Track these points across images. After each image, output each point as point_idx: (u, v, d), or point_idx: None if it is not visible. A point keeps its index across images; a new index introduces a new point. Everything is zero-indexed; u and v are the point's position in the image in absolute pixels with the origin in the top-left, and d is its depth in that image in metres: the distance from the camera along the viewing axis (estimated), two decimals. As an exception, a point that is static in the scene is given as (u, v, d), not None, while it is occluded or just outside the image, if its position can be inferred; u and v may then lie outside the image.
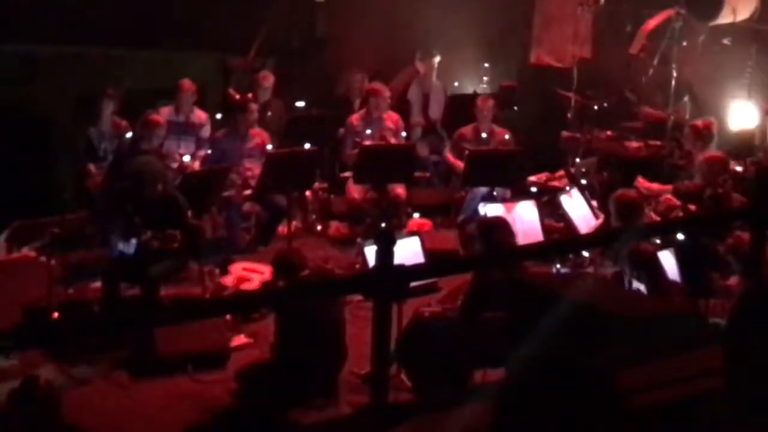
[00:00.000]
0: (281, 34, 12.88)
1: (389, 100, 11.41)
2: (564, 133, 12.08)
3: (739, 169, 10.03)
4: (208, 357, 7.90)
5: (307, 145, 10.67)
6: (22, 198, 10.48)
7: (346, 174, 11.05)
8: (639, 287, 6.66)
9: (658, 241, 7.51)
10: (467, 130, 11.34)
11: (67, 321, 7.69)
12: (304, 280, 7.22)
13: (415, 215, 11.19)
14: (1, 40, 11.43)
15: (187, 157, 10.67)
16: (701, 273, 7.66)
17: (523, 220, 9.28)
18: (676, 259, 7.35)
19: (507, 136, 11.23)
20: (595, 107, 12.18)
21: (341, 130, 11.51)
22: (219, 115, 11.86)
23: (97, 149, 10.67)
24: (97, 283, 8.71)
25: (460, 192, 11.00)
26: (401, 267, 3.83)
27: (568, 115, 12.29)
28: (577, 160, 11.55)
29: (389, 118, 11.30)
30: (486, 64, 13.66)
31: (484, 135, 11.22)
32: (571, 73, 12.45)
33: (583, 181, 10.72)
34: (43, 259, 8.96)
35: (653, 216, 8.77)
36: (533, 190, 10.90)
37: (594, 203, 9.78)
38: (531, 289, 4.75)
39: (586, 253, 8.65)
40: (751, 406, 3.52)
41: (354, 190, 10.83)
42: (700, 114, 10.68)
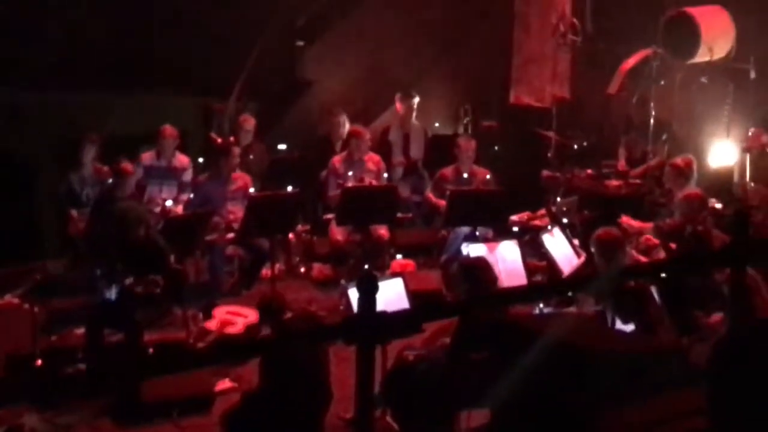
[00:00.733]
0: (262, 77, 12.94)
1: (370, 142, 11.47)
2: (544, 172, 12.14)
3: (718, 206, 10.10)
4: (193, 402, 7.88)
5: (289, 188, 10.70)
6: (3, 244, 10.46)
7: (329, 216, 11.06)
8: (622, 327, 6.69)
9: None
10: (448, 171, 11.40)
11: (52, 373, 7.66)
12: (288, 324, 7.22)
13: (398, 256, 11.22)
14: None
15: (169, 202, 10.69)
16: (684, 310, 7.69)
17: (506, 259, 9.29)
18: (659, 297, 7.38)
19: (488, 176, 11.28)
20: (575, 146, 12.27)
21: (323, 172, 11.55)
22: (201, 159, 11.88)
23: (79, 195, 10.70)
24: (81, 330, 8.71)
25: (442, 232, 11.03)
26: (384, 314, 3.81)
27: (549, 154, 12.37)
28: (558, 199, 11.59)
29: (370, 160, 11.35)
30: (466, 105, 13.73)
31: (465, 175, 11.27)
32: (551, 113, 12.54)
33: (565, 220, 10.74)
34: (26, 305, 8.95)
35: (634, 254, 8.81)
36: (515, 229, 10.93)
37: (576, 242, 9.81)
38: (514, 329, 4.77)
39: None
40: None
41: (337, 232, 10.85)
42: (680, 152, 10.76)
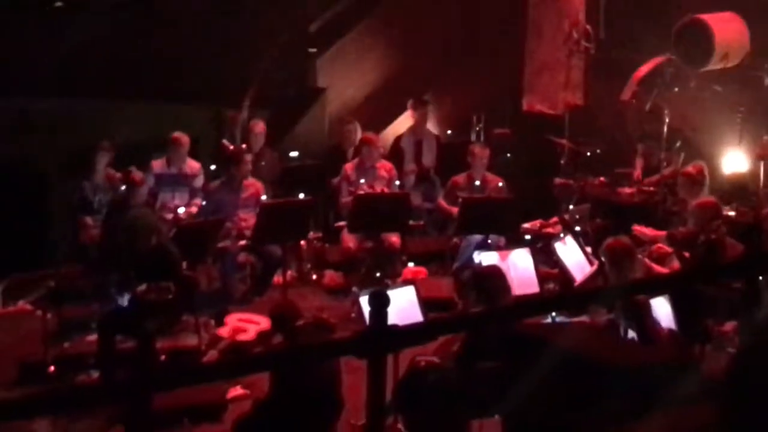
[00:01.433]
0: (275, 84, 12.94)
1: (382, 150, 11.46)
2: (557, 179, 12.09)
3: (732, 214, 10.06)
4: (205, 410, 7.89)
5: (301, 195, 10.70)
6: (17, 251, 10.50)
7: (341, 223, 11.06)
8: (634, 336, 6.67)
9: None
10: (461, 178, 11.38)
11: (65, 385, 7.66)
12: (300, 331, 7.22)
13: (410, 264, 11.20)
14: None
15: (181, 209, 10.68)
16: (696, 319, 7.66)
17: (518, 267, 9.26)
18: (671, 305, 7.35)
19: (500, 184, 11.27)
20: (588, 154, 12.23)
21: (335, 180, 11.55)
22: (213, 167, 11.88)
23: (92, 202, 10.71)
24: (93, 337, 8.72)
25: (455, 239, 11.02)
26: (395, 329, 3.76)
27: (561, 161, 12.32)
28: (571, 207, 11.55)
29: (382, 167, 11.34)
30: (478, 113, 13.70)
31: (477, 183, 11.25)
32: (564, 120, 12.51)
33: (577, 228, 10.72)
34: (38, 312, 8.98)
35: (647, 261, 8.78)
36: (527, 237, 10.91)
37: (588, 249, 9.78)
38: (525, 338, 4.76)
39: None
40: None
41: (349, 239, 10.84)
42: (692, 159, 10.72)
